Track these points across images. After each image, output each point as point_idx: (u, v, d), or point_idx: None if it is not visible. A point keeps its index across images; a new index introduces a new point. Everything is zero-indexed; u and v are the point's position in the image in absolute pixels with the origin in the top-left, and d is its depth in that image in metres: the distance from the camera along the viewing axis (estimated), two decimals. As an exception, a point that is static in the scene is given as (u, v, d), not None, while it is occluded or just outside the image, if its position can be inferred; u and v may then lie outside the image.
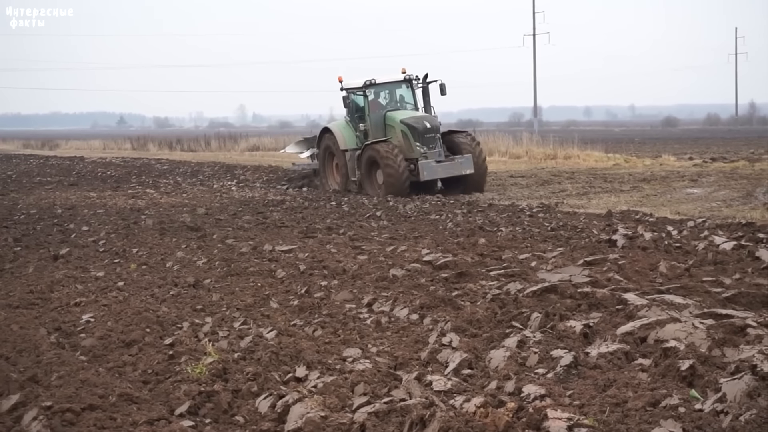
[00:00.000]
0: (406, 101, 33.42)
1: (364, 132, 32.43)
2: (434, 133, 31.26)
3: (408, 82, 33.30)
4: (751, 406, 6.72)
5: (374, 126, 32.37)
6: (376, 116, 32.52)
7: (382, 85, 33.03)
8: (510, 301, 11.25)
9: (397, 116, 32.01)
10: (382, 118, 32.44)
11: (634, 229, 18.22)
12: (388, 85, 33.29)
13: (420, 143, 30.90)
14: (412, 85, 33.36)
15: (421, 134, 30.92)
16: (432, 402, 7.21)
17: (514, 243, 17.16)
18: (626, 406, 7.11)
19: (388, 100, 33.32)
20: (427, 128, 31.08)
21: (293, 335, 10.37)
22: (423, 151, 30.81)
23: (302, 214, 24.64)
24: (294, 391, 7.94)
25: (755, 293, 11.01)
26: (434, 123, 31.61)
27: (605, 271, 13.14)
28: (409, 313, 11.20)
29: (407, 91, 33.48)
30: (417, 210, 24.88)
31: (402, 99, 33.48)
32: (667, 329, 9.01)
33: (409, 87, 33.44)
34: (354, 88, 32.81)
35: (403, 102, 33.44)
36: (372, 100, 32.65)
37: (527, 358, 8.76)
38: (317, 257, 16.02)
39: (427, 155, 30.76)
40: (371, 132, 32.30)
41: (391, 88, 33.40)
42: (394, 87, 33.42)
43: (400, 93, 33.50)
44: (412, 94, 33.49)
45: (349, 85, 33.18)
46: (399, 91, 33.49)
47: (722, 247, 15.22)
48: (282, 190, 33.94)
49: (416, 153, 30.88)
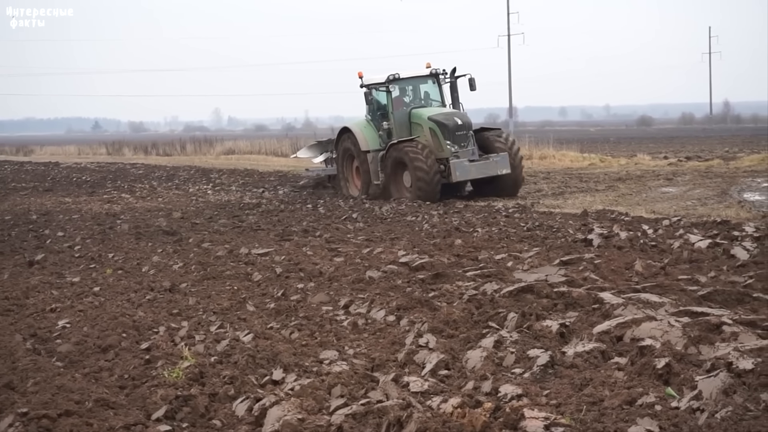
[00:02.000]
0: (431, 97, 31.22)
1: (387, 131, 30.37)
2: (466, 131, 29.12)
3: (434, 77, 31.15)
4: (727, 403, 6.75)
5: (398, 124, 30.26)
6: (400, 114, 30.39)
7: (406, 80, 30.87)
8: (486, 302, 11.26)
9: (424, 113, 29.82)
10: (406, 116, 30.32)
11: (610, 228, 18.27)
12: (413, 80, 31.12)
13: (451, 141, 28.69)
14: (439, 80, 31.16)
15: (451, 132, 28.74)
16: (409, 403, 7.21)
17: (491, 243, 17.19)
18: (603, 404, 7.12)
19: (412, 97, 31.15)
20: (459, 125, 28.91)
21: (270, 338, 10.36)
22: (454, 150, 28.59)
23: (278, 217, 24.60)
24: (271, 394, 7.93)
25: (730, 291, 11.04)
26: (466, 119, 29.38)
27: (581, 271, 13.17)
28: (385, 315, 11.19)
29: (433, 86, 31.30)
30: (393, 211, 24.88)
31: (427, 95, 31.26)
32: (643, 328, 9.03)
33: (435, 82, 31.25)
34: (376, 84, 30.70)
35: (427, 98, 31.20)
36: (396, 96, 30.62)
37: (504, 358, 8.77)
38: (293, 260, 16.00)
39: (458, 154, 28.60)
40: (395, 131, 30.21)
41: (416, 83, 31.25)
42: (419, 82, 31.27)
43: (425, 89, 31.34)
44: (438, 89, 31.23)
45: (370, 80, 31.00)
46: (424, 87, 31.34)
47: (697, 245, 15.29)
48: (258, 193, 33.79)
49: (447, 152, 28.63)
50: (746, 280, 12.04)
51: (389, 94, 30.45)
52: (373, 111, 30.91)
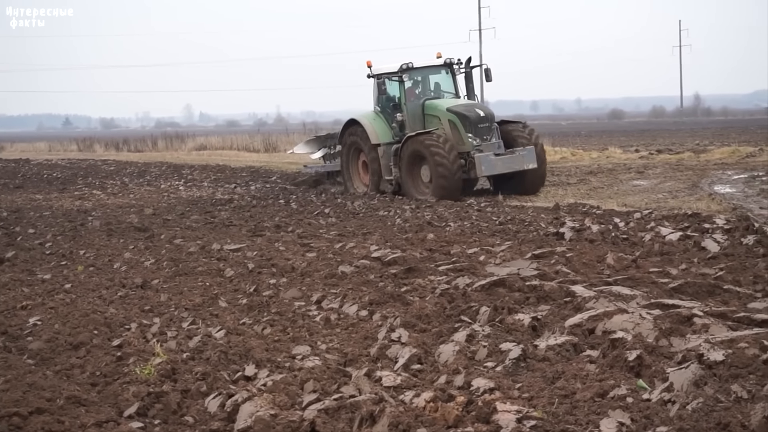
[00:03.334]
0: (442, 88, 29.54)
1: (400, 123, 28.52)
2: (489, 123, 27.43)
3: (448, 67, 29.43)
4: (698, 394, 6.77)
5: (411, 116, 28.52)
6: (413, 105, 28.62)
7: (419, 70, 29.16)
8: (459, 296, 11.27)
9: (441, 104, 28.27)
10: (420, 107, 28.58)
11: (582, 221, 18.34)
12: (426, 69, 29.44)
13: (473, 134, 27.02)
14: (453, 70, 29.50)
15: (473, 124, 27.06)
16: (382, 397, 7.21)
17: (463, 238, 17.21)
18: (575, 397, 7.14)
19: (421, 88, 29.52)
20: (481, 117, 27.27)
21: (242, 334, 10.34)
22: (476, 144, 26.97)
23: (250, 212, 24.56)
24: (243, 389, 7.91)
25: (701, 283, 11.09)
26: (488, 111, 27.93)
27: (553, 264, 13.20)
28: (358, 310, 11.19)
29: (446, 77, 29.61)
30: (365, 206, 24.88)
31: (437, 86, 29.60)
32: (614, 320, 9.05)
33: (449, 72, 29.56)
34: (388, 74, 29.13)
35: (438, 89, 29.54)
36: (409, 87, 28.98)
37: (476, 351, 8.78)
38: (266, 255, 15.97)
39: (482, 148, 26.91)
40: (408, 123, 28.41)
41: (430, 73, 29.60)
42: (433, 72, 29.61)
43: (436, 80, 29.69)
44: (451, 80, 29.57)
45: (381, 70, 29.49)
46: (435, 78, 29.72)
47: (668, 237, 15.36)
48: (230, 189, 33.69)
49: (468, 146, 27.00)
50: (717, 272, 12.12)
51: (402, 84, 28.75)
52: (383, 102, 29.43)
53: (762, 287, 11.07)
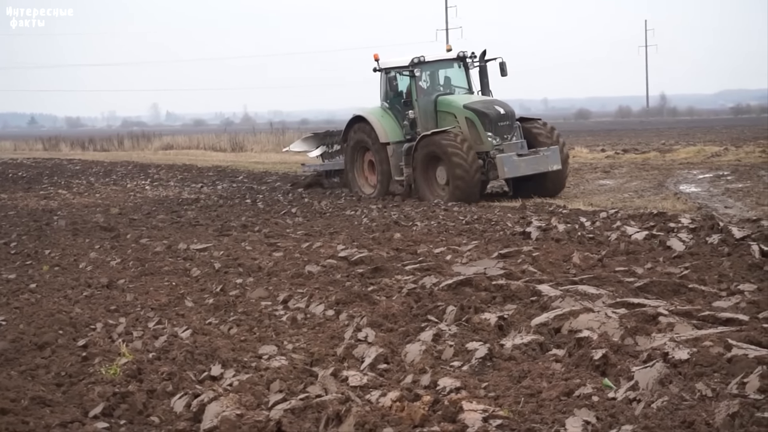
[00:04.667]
0: (453, 83, 27.57)
1: (411, 121, 26.62)
2: (510, 121, 25.56)
3: (461, 61, 27.44)
4: (663, 393, 6.81)
5: (422, 113, 26.56)
6: (424, 101, 26.66)
7: (431, 64, 27.16)
8: (425, 295, 11.29)
9: (457, 101, 26.29)
10: (432, 104, 26.63)
11: (548, 221, 18.38)
12: (438, 63, 27.51)
13: (492, 133, 25.12)
14: (466, 64, 27.51)
15: (493, 122, 25.15)
16: (348, 397, 7.21)
17: (429, 237, 17.23)
18: (541, 396, 7.16)
19: (429, 83, 27.39)
20: (501, 114, 25.37)
21: (208, 334, 10.31)
22: (496, 143, 25.07)
23: (217, 212, 24.50)
24: (209, 389, 7.88)
25: (666, 282, 11.15)
26: (508, 108, 25.84)
27: (519, 264, 13.23)
28: (324, 309, 11.18)
29: (459, 71, 27.67)
30: (332, 206, 24.88)
31: (447, 81, 27.62)
32: (580, 319, 9.09)
33: (462, 66, 27.59)
34: (398, 68, 27.19)
35: (448, 84, 27.57)
36: (420, 81, 26.89)
37: (443, 351, 8.79)
38: (232, 255, 15.95)
39: (503, 147, 25.00)
40: (420, 121, 26.51)
41: (441, 67, 27.64)
42: (444, 66, 27.66)
43: (446, 74, 27.70)
44: (464, 74, 27.67)
45: (389, 63, 27.64)
46: (447, 72, 27.73)
47: (634, 237, 15.42)
48: (196, 189, 33.57)
49: (488, 145, 25.11)
50: (682, 271, 12.18)
51: (414, 79, 26.66)
52: (391, 98, 27.56)
53: (726, 286, 11.13)
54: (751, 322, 8.88)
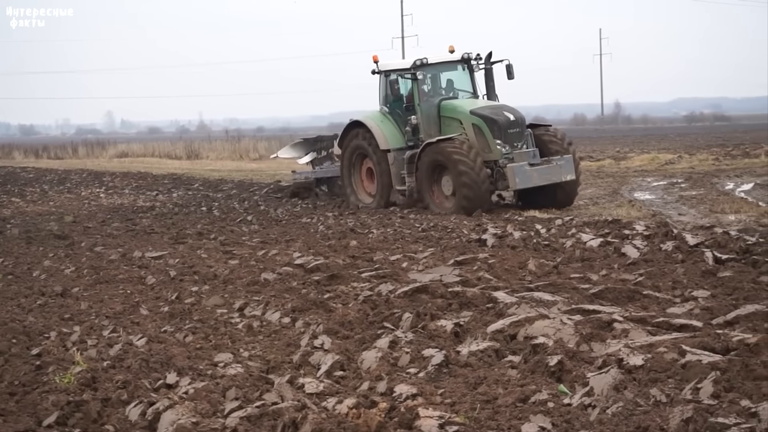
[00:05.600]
0: (456, 86, 25.91)
1: (414, 127, 24.95)
2: (520, 128, 23.95)
3: (465, 63, 25.88)
4: (618, 399, 6.85)
5: (425, 119, 24.97)
6: (427, 106, 25.03)
7: (434, 66, 25.59)
8: (381, 302, 11.28)
9: (462, 106, 24.74)
10: (435, 109, 25.02)
11: (504, 228, 18.44)
12: (442, 66, 25.89)
13: (501, 141, 23.47)
14: (470, 67, 25.95)
15: (503, 129, 23.49)
16: (304, 404, 7.20)
17: (386, 244, 17.24)
18: (496, 402, 7.18)
19: (431, 86, 25.73)
20: (511, 121, 23.73)
21: (164, 342, 10.26)
22: (506, 152, 23.43)
23: (172, 219, 24.41)
24: (165, 397, 7.84)
25: (621, 288, 11.21)
26: (518, 114, 24.19)
27: (475, 270, 13.26)
28: (281, 317, 11.15)
29: (463, 74, 26.09)
30: (288, 213, 24.85)
31: (450, 84, 25.95)
32: (536, 326, 9.13)
33: (466, 69, 26.03)
34: (399, 70, 25.70)
35: (450, 87, 25.89)
36: (423, 85, 25.29)
37: (399, 358, 8.79)
38: (188, 263, 15.89)
39: (513, 156, 23.37)
40: (423, 127, 24.93)
41: (444, 69, 26.05)
42: (447, 69, 26.08)
43: (449, 77, 26.07)
44: (469, 77, 26.05)
45: (389, 66, 26.24)
46: (449, 75, 26.13)
47: (589, 244, 15.50)
48: (152, 196, 33.40)
49: (497, 154, 23.47)
50: (636, 277, 12.25)
51: (416, 82, 25.04)
52: (391, 102, 25.81)
53: (681, 293, 11.21)
54: (705, 328, 8.96)
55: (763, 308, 9.58)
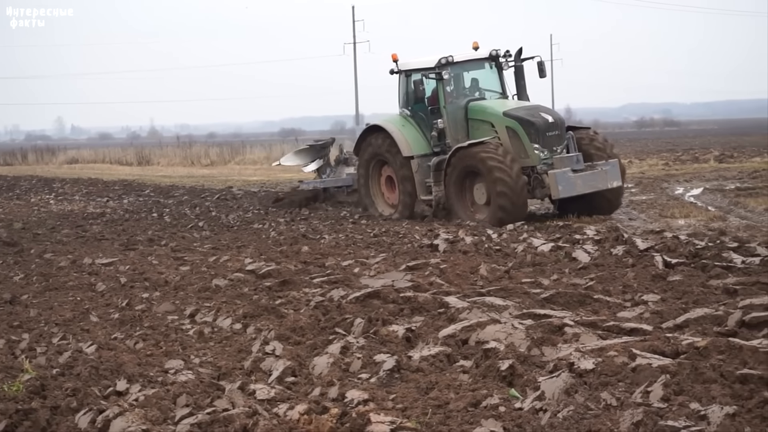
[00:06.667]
0: (482, 86, 23.96)
1: (440, 131, 23.09)
2: (559, 130, 21.95)
3: (493, 60, 23.74)
4: (569, 402, 6.88)
5: (452, 122, 22.98)
6: (453, 108, 23.01)
7: (460, 65, 23.49)
8: (333, 308, 11.27)
9: (494, 107, 22.67)
10: (462, 111, 22.98)
11: (455, 233, 18.46)
12: (468, 64, 23.79)
13: (539, 145, 21.53)
14: (499, 65, 23.79)
15: (541, 132, 21.54)
16: (255, 411, 7.17)
17: (337, 250, 17.22)
18: (448, 407, 7.18)
19: (454, 87, 23.55)
20: (550, 123, 21.77)
21: (114, 349, 10.18)
22: (544, 157, 21.53)
23: (123, 226, 24.26)
24: (115, 405, 7.77)
25: (572, 293, 11.27)
26: (557, 115, 22.47)
27: (427, 276, 13.28)
28: (232, 323, 11.11)
29: (491, 72, 24.00)
30: (240, 219, 24.77)
31: (475, 84, 24.03)
32: (487, 331, 9.14)
33: (494, 67, 23.90)
34: (422, 69, 23.38)
35: (476, 87, 23.97)
36: (449, 85, 23.21)
37: (351, 363, 8.78)
38: (138, 269, 15.79)
39: (553, 162, 21.36)
40: (449, 131, 22.99)
41: (470, 68, 24.01)
42: (474, 67, 24.01)
43: (473, 76, 24.09)
44: (497, 76, 23.95)
45: (411, 65, 24.02)
46: (475, 74, 24.12)
47: (540, 249, 15.56)
48: (102, 203, 33.18)
49: (534, 159, 21.55)
50: (587, 282, 12.32)
51: (441, 82, 23.00)
52: (413, 104, 23.91)
53: (631, 297, 11.29)
54: (655, 332, 9.01)
55: (712, 312, 9.66)
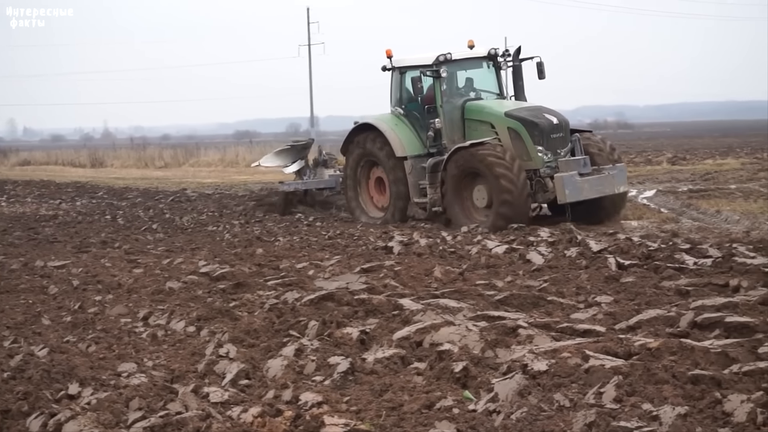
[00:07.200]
0: (479, 86, 23.13)
1: (437, 131, 22.10)
2: (564, 132, 21.18)
3: (491, 60, 23.03)
4: (522, 404, 6.90)
5: (448, 122, 22.08)
6: (449, 108, 22.15)
7: (457, 63, 22.68)
8: (287, 310, 11.25)
9: (494, 107, 21.96)
10: (459, 111, 22.13)
11: (410, 235, 18.48)
12: (466, 62, 22.98)
13: (543, 147, 20.73)
14: (497, 64, 23.12)
15: (545, 134, 20.77)
16: (209, 414, 7.14)
17: (292, 252, 17.19)
18: (402, 409, 7.19)
19: (448, 86, 22.48)
20: (554, 125, 21.01)
21: (66, 352, 10.10)
22: (547, 160, 20.74)
23: (76, 228, 24.09)
24: (67, 408, 7.72)
25: (526, 294, 11.31)
26: (561, 117, 21.48)
27: (382, 278, 13.28)
28: (185, 326, 11.05)
29: (488, 72, 23.27)
30: (194, 222, 24.68)
31: (470, 83, 23.13)
32: (441, 333, 9.15)
33: (492, 66, 23.19)
34: (418, 66, 22.59)
35: (471, 86, 23.08)
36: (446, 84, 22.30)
37: (305, 366, 8.76)
38: (91, 272, 15.69)
39: (556, 165, 20.62)
40: (446, 131, 22.10)
41: (469, 66, 23.18)
42: (473, 66, 23.20)
43: (469, 76, 23.19)
44: (495, 76, 23.27)
45: (406, 62, 23.17)
46: (471, 73, 23.25)
47: (495, 251, 15.60)
48: (55, 205, 32.94)
49: (537, 161, 20.72)
50: (541, 284, 12.37)
51: (438, 80, 22.14)
52: (406, 103, 23.07)
53: (584, 298, 11.34)
54: (608, 333, 9.06)
55: (665, 313, 9.73)
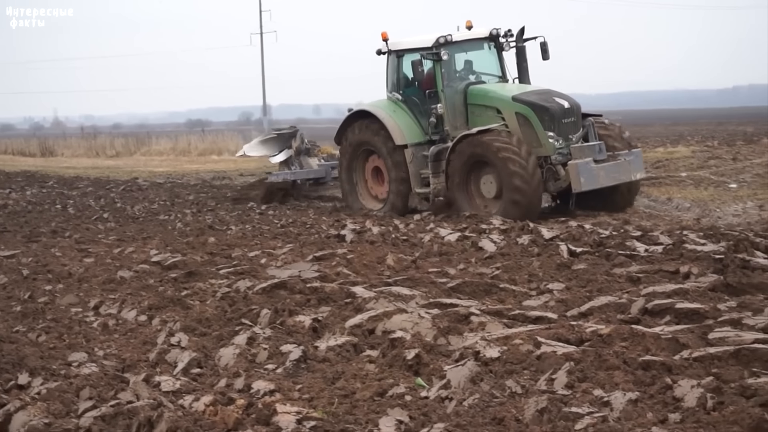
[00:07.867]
0: (479, 69, 21.90)
1: (439, 117, 20.96)
2: (575, 117, 20.05)
3: (493, 41, 21.61)
4: (474, 390, 6.93)
5: (450, 107, 20.96)
6: (451, 92, 21.00)
7: (457, 45, 21.34)
8: (240, 299, 11.23)
9: (500, 91, 20.73)
10: (461, 96, 20.98)
11: (363, 223, 18.48)
12: (466, 44, 21.67)
13: (554, 133, 19.54)
14: (499, 46, 21.68)
15: (556, 119, 19.60)
16: (160, 403, 7.10)
17: (244, 241, 17.14)
18: (354, 397, 7.20)
19: (447, 69, 21.25)
20: (566, 109, 19.86)
21: (15, 342, 10.01)
22: (558, 146, 19.56)
23: (26, 218, 23.89)
24: (16, 399, 7.64)
25: (478, 282, 11.33)
26: (573, 101, 20.28)
27: (334, 266, 13.26)
28: (137, 315, 11.01)
29: (490, 54, 21.91)
30: (145, 211, 24.55)
31: (469, 66, 21.90)
32: (394, 320, 9.17)
33: (493, 48, 21.80)
34: (417, 49, 21.28)
35: (471, 69, 21.86)
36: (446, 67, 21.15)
37: (257, 354, 8.75)
38: (41, 261, 15.57)
39: (568, 151, 19.49)
40: (448, 117, 20.97)
41: (470, 48, 21.86)
42: (473, 47, 21.89)
43: (469, 57, 21.92)
44: (497, 58, 21.87)
45: (404, 44, 21.94)
46: (471, 55, 21.98)
47: (447, 238, 15.61)
48: (4, 194, 32.63)
49: (548, 148, 19.55)
50: (493, 271, 12.40)
51: (439, 63, 20.92)
52: (404, 88, 21.96)
53: (536, 285, 11.38)
54: (560, 320, 9.11)
55: (616, 300, 9.79)
